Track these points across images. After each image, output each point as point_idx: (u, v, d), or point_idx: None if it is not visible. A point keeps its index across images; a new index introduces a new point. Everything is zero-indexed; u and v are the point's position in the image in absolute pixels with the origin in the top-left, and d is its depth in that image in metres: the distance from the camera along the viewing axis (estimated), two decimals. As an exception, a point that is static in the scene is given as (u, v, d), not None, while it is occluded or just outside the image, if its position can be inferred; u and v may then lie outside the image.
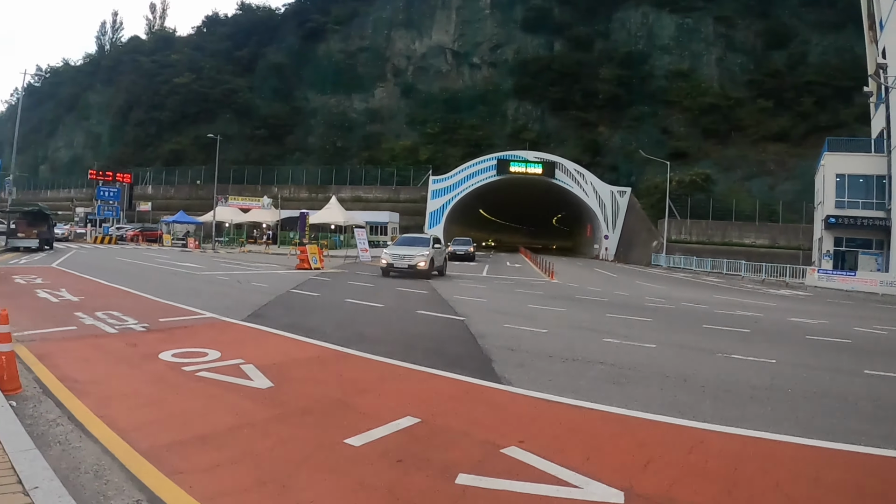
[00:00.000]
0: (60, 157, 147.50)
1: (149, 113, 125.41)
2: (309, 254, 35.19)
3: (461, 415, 8.18)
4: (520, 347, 13.17)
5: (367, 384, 9.60)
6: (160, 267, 33.48)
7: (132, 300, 18.77)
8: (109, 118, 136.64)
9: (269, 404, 8.28)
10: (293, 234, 68.04)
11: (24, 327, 12.90)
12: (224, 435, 7.07)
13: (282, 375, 9.73)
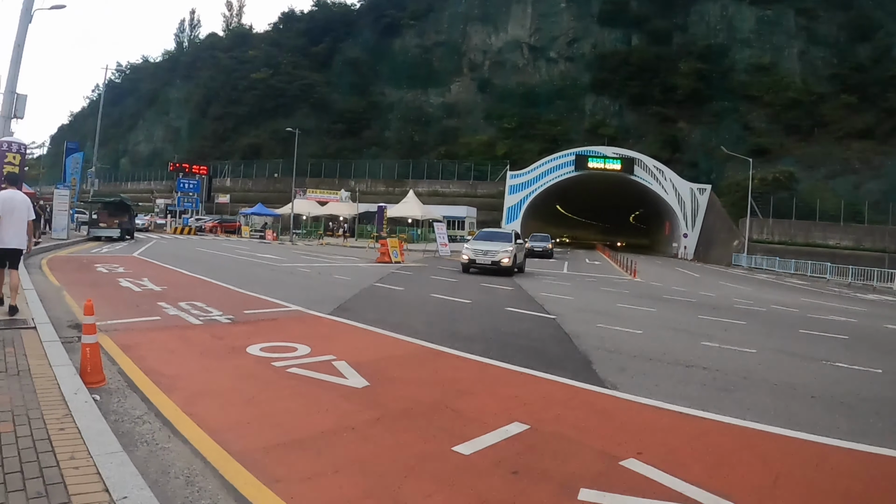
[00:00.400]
0: (140, 150, 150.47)
1: (227, 107, 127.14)
2: (390, 247, 34.91)
3: (570, 421, 7.79)
4: (618, 349, 12.75)
5: (467, 385, 9.28)
6: (240, 258, 33.73)
7: (215, 291, 18.79)
8: (188, 113, 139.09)
9: (367, 405, 7.96)
10: (370, 228, 67.82)
11: (107, 316, 12.85)
12: (323, 439, 6.75)
13: (377, 374, 9.42)
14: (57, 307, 14.01)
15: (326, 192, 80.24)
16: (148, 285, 18.84)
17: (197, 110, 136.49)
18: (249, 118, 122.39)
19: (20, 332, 10.40)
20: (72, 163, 46.23)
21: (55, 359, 8.68)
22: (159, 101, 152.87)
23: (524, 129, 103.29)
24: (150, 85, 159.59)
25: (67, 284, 18.15)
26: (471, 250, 30.05)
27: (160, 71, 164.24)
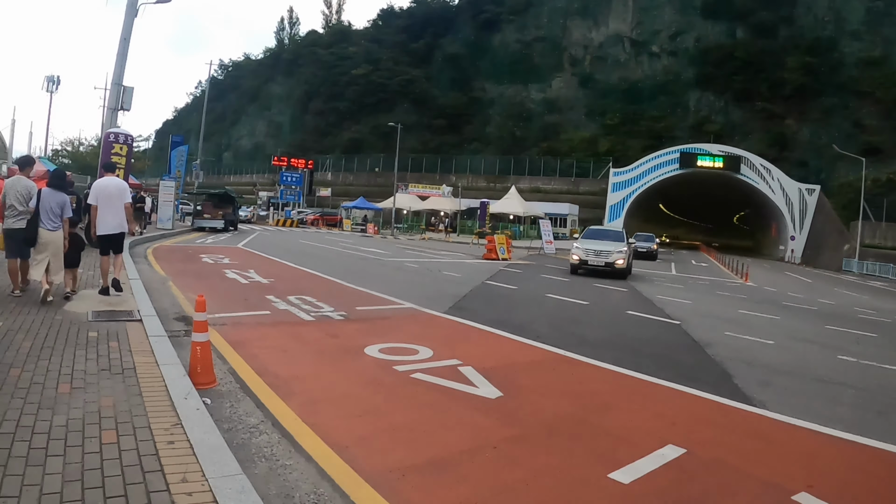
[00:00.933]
0: (243, 144, 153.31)
1: (328, 103, 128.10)
2: (497, 244, 33.79)
3: (727, 445, 6.98)
4: (754, 361, 11.82)
5: (607, 398, 8.57)
6: (345, 251, 33.34)
7: (323, 285, 18.35)
8: (290, 108, 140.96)
9: (503, 419, 7.25)
10: (470, 223, 67.12)
11: (214, 310, 12.47)
12: (462, 459, 6.02)
13: (508, 382, 8.69)
14: (163, 298, 13.64)
15: (428, 188, 80.00)
16: (255, 277, 18.46)
17: (298, 106, 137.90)
18: (350, 113, 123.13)
19: (125, 325, 9.94)
20: (177, 155, 46.51)
21: (162, 356, 8.13)
22: (261, 96, 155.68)
23: (627, 126, 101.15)
24: (252, 81, 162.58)
25: (173, 275, 17.90)
26: (581, 250, 27.65)
27: (262, 68, 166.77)
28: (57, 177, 12.30)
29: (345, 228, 65.98)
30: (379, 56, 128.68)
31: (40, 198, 11.54)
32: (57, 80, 69.27)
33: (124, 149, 22.00)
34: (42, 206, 11.50)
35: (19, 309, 10.60)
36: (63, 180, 12.31)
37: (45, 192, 11.61)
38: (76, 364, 7.53)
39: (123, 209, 12.80)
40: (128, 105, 24.05)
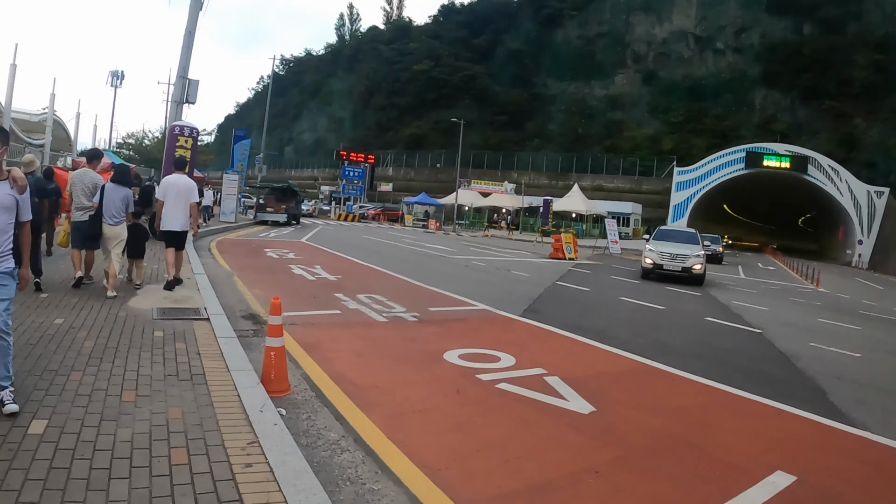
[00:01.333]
0: (304, 139, 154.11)
1: (389, 98, 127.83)
2: (563, 243, 32.94)
3: (838, 472, 6.40)
4: (845, 376, 11.06)
5: (703, 415, 7.95)
6: (409, 247, 32.88)
7: (392, 283, 17.82)
8: (351, 103, 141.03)
9: (599, 438, 6.68)
10: (532, 221, 66.33)
11: (283, 308, 11.50)
12: (564, 485, 5.45)
13: (598, 395, 8.08)
14: (229, 294, 13.18)
15: (490, 184, 79.33)
16: (321, 273, 17.98)
17: (360, 101, 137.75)
18: (411, 109, 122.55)
19: (192, 325, 9.48)
20: (240, 149, 46.48)
21: (233, 360, 7.65)
22: (322, 92, 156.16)
23: (691, 124, 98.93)
24: (314, 77, 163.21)
25: (238, 269, 17.52)
26: (655, 253, 25.40)
27: (323, 63, 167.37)
28: (121, 172, 12.17)
29: (406, 224, 65.68)
30: (440, 52, 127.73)
31: (104, 193, 11.57)
32: (121, 75, 70.37)
33: (189, 142, 21.71)
34: (106, 202, 11.53)
35: (81, 304, 10.21)
36: (127, 175, 12.25)
37: (109, 188, 11.62)
38: (141, 368, 7.06)
39: (189, 208, 12.84)
40: (193, 98, 24.04)
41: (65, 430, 5.14)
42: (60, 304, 10.05)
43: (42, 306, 9.78)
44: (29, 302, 9.90)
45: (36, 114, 40.99)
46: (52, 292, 11.03)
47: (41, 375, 6.48)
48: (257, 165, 59.48)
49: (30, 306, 9.63)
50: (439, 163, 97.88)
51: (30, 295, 10.47)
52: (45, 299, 10.30)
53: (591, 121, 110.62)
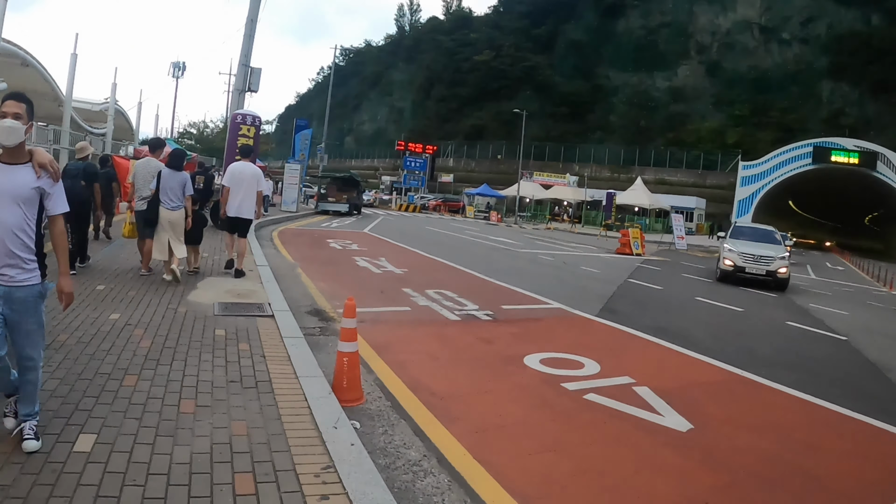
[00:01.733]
0: (364, 129, 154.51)
1: (450, 89, 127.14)
2: (631, 238, 31.84)
3: None
4: None
5: (806, 434, 7.20)
6: (473, 240, 32.17)
7: (461, 278, 17.12)
8: (411, 94, 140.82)
9: (703, 462, 5.98)
10: (594, 214, 65.32)
11: (342, 298, 11.21)
12: None
13: (692, 410, 7.34)
14: (293, 288, 12.62)
15: (553, 176, 78.30)
16: (387, 266, 17.40)
17: (420, 92, 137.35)
18: (472, 100, 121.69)
19: (255, 322, 8.80)
20: (301, 139, 46.11)
21: (301, 365, 6.98)
22: (382, 82, 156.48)
23: (756, 117, 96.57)
24: (374, 67, 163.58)
25: (301, 261, 17.01)
26: (737, 254, 22.66)
27: (383, 54, 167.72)
28: (176, 157, 12.06)
29: (468, 215, 65.03)
30: (501, 42, 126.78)
31: (160, 179, 11.51)
32: (182, 66, 71.36)
33: (252, 130, 21.25)
34: (162, 187, 11.46)
35: (139, 297, 9.68)
36: (181, 160, 12.13)
37: (165, 173, 11.58)
38: (201, 372, 6.43)
39: (255, 195, 12.98)
40: (255, 86, 23.72)
41: (115, 448, 4.52)
42: (117, 298, 9.51)
43: (98, 299, 9.25)
44: (85, 294, 9.38)
45: (98, 103, 41.05)
46: (109, 283, 10.56)
47: (92, 379, 5.87)
48: (319, 155, 59.29)
49: (85, 299, 9.10)
50: (500, 154, 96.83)
51: (86, 286, 9.98)
52: (101, 292, 9.78)
53: (654, 113, 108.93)
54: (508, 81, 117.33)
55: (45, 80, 26.00)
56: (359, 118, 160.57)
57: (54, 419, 4.91)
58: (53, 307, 8.29)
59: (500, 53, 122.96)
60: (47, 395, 5.34)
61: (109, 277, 11.05)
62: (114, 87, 36.82)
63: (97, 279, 10.75)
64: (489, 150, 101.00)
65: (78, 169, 12.41)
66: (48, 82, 26.23)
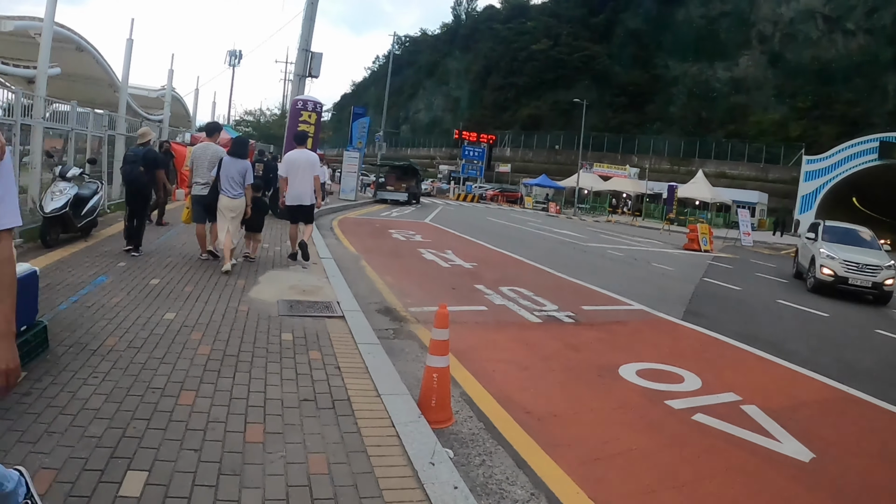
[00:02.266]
0: (420, 118, 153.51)
1: (506, 78, 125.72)
2: (699, 234, 30.49)
3: None
4: None
5: None
6: (537, 232, 31.24)
7: (532, 273, 16.18)
8: (468, 83, 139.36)
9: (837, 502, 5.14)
10: (653, 206, 63.92)
11: (420, 299, 11.00)
12: None
13: (809, 435, 6.48)
14: (359, 282, 11.87)
15: (612, 167, 76.85)
16: (455, 260, 16.52)
17: (476, 81, 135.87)
18: (529, 89, 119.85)
19: (325, 324, 7.94)
20: (358, 127, 45.35)
21: (382, 379, 6.10)
22: (438, 71, 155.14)
23: (819, 110, 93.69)
24: (430, 56, 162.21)
25: (365, 252, 16.30)
26: (838, 262, 18.78)
27: (439, 43, 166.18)
28: (238, 144, 11.93)
29: (526, 206, 63.96)
30: (558, 31, 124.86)
31: (221, 165, 11.34)
32: (239, 54, 71.46)
33: (313, 116, 20.53)
34: (223, 174, 11.24)
35: (197, 293, 8.89)
36: (244, 147, 12.05)
37: (227, 160, 11.37)
38: (269, 388, 5.56)
39: (313, 181, 12.80)
40: (316, 72, 23.02)
41: (171, 492, 3.68)
42: (173, 294, 8.72)
43: (152, 296, 8.47)
44: (137, 290, 8.61)
45: (154, 90, 40.67)
46: (164, 276, 9.81)
47: (143, 396, 5.04)
48: (377, 143, 58.73)
49: (138, 296, 8.33)
50: (557, 144, 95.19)
51: (140, 280, 9.25)
52: (155, 288, 8.99)
53: (714, 104, 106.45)
54: (566, 71, 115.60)
55: (100, 66, 25.46)
56: (414, 107, 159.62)
57: (97, 449, 4.07)
58: (103, 303, 7.59)
59: (557, 42, 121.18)
60: (90, 416, 4.55)
61: (165, 270, 10.32)
62: (170, 74, 36.19)
63: (151, 272, 10.03)
64: (546, 140, 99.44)
65: (137, 155, 12.22)
66: (103, 68, 25.70)
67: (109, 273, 9.55)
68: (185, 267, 10.71)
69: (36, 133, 13.42)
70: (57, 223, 11.43)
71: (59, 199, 11.38)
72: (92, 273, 9.43)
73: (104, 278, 9.15)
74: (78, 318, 7.05)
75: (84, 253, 11.02)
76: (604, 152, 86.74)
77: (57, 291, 8.12)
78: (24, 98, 12.21)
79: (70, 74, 24.95)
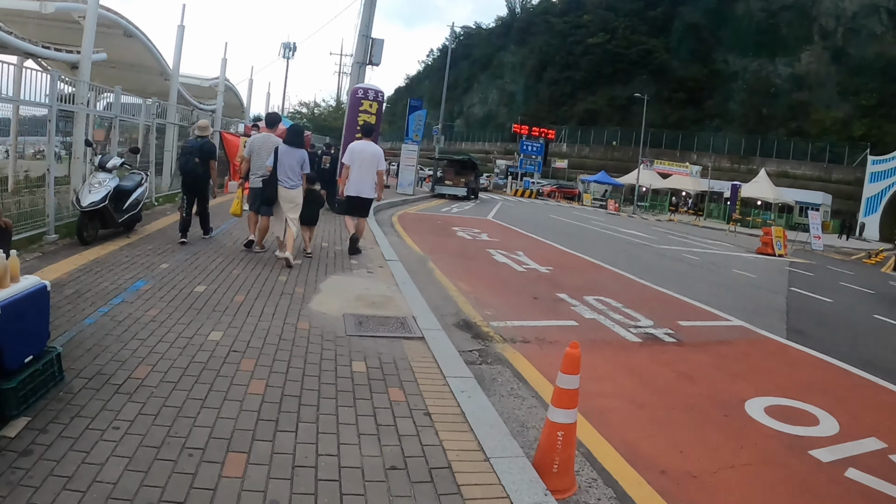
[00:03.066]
0: (475, 112, 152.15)
1: (562, 72, 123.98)
2: (774, 237, 28.66)
3: None
4: None
5: None
6: (603, 231, 29.64)
7: (614, 280, 14.70)
8: (523, 77, 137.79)
9: None
10: (715, 206, 62.69)
11: (501, 312, 9.63)
12: None
13: None
14: (429, 288, 10.58)
15: (675, 165, 75.01)
16: (528, 263, 15.07)
17: (532, 75, 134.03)
18: (585, 84, 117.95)
19: (402, 346, 6.64)
20: (415, 120, 44.08)
21: (486, 434, 4.75)
22: (493, 65, 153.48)
23: (884, 108, 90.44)
24: (484, 50, 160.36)
25: (431, 253, 14.98)
26: None
27: (493, 36, 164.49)
28: (294, 133, 11.51)
29: (584, 203, 62.67)
30: (615, 25, 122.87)
31: (277, 155, 10.91)
32: (293, 46, 71.09)
33: (374, 106, 19.25)
34: (280, 164, 10.86)
35: (248, 305, 7.63)
36: (300, 136, 11.57)
37: (283, 150, 10.99)
38: (343, 447, 4.22)
39: (374, 175, 12.75)
40: (377, 59, 21.93)
41: None
42: (220, 305, 7.47)
43: (196, 307, 7.23)
44: (178, 300, 7.40)
45: (207, 79, 39.86)
46: (211, 281, 8.60)
47: (176, 463, 3.75)
48: (434, 137, 57.63)
49: (179, 307, 7.12)
50: (615, 140, 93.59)
51: (184, 287, 8.07)
52: (200, 296, 7.77)
53: (775, 101, 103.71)
54: (623, 65, 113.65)
55: (150, 53, 24.61)
56: (469, 101, 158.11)
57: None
58: (137, 317, 6.34)
59: (614, 36, 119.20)
60: (104, 494, 3.29)
61: (212, 273, 9.10)
62: (223, 63, 35.37)
63: (198, 275, 8.83)
64: (603, 135, 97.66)
65: (194, 147, 11.92)
66: (153, 55, 24.85)
67: (150, 276, 8.36)
68: (237, 268, 9.56)
69: (78, 120, 12.45)
70: (95, 218, 10.43)
71: (98, 192, 10.34)
72: (130, 277, 8.25)
73: (142, 283, 7.95)
74: (105, 336, 5.84)
75: (124, 251, 9.90)
76: (662, 149, 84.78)
77: (85, 301, 6.92)
78: (63, 83, 11.15)
79: (118, 61, 24.10)
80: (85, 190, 10.35)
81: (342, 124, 21.61)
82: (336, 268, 10.76)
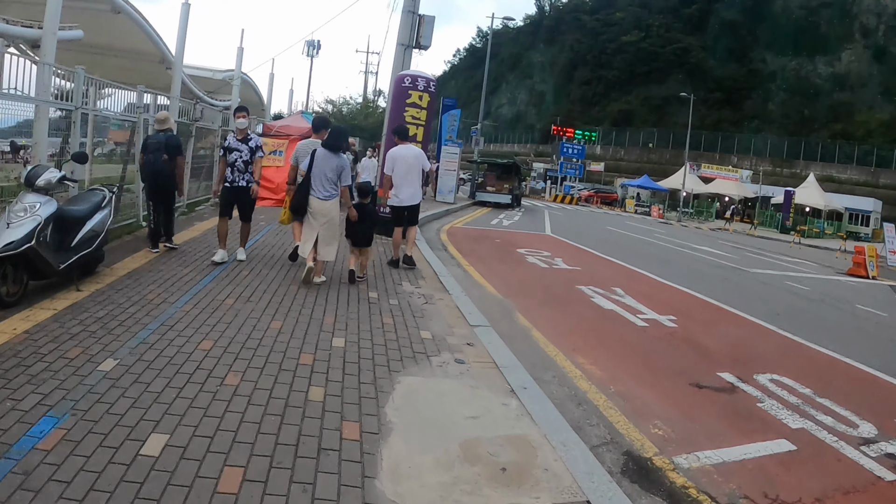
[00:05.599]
0: (503, 112, 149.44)
1: (595, 72, 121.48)
2: (867, 257, 24.89)
3: None
4: None
5: None
6: (678, 249, 25.70)
7: (763, 338, 10.79)
8: (553, 77, 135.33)
9: None
10: (767, 213, 60.41)
11: (673, 427, 6.40)
12: None
13: None
14: (542, 374, 7.10)
15: (723, 169, 71.61)
16: (641, 309, 11.28)
17: (562, 74, 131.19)
18: (619, 83, 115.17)
19: None
20: (448, 119, 40.75)
21: None
22: (522, 64, 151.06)
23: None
24: (512, 49, 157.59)
25: (513, 296, 11.30)
26: None
27: (521, 35, 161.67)
28: (334, 136, 10.11)
29: (627, 209, 59.83)
30: (649, 22, 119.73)
31: (313, 160, 9.80)
32: (317, 44, 70.28)
33: (425, 98, 15.67)
34: (315, 171, 9.79)
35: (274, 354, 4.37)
36: (340, 139, 10.20)
37: (320, 155, 9.83)
38: None
39: (419, 179, 12.24)
40: (426, 40, 18.10)
41: None
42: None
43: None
44: (122, 462, 4.10)
45: (220, 71, 36.52)
46: (178, 427, 5.23)
47: None
48: (473, 138, 54.40)
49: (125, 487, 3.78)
50: (651, 142, 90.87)
51: (137, 432, 4.69)
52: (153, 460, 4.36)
53: (816, 101, 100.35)
54: (658, 64, 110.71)
55: (146, 36, 21.37)
56: (497, 101, 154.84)
57: None
58: None
59: (649, 34, 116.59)
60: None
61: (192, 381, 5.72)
62: (240, 52, 32.25)
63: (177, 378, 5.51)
64: (639, 137, 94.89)
65: (159, 142, 10.71)
66: (150, 38, 21.62)
67: (84, 394, 4.80)
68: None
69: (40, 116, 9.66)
70: (19, 266, 6.89)
71: (20, 226, 6.81)
72: (33, 404, 4.59)
73: (55, 420, 4.37)
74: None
75: (60, 322, 6.44)
76: (700, 151, 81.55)
77: None
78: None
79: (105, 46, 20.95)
80: (1, 223, 6.85)
81: (371, 123, 18.20)
82: (402, 338, 7.28)
